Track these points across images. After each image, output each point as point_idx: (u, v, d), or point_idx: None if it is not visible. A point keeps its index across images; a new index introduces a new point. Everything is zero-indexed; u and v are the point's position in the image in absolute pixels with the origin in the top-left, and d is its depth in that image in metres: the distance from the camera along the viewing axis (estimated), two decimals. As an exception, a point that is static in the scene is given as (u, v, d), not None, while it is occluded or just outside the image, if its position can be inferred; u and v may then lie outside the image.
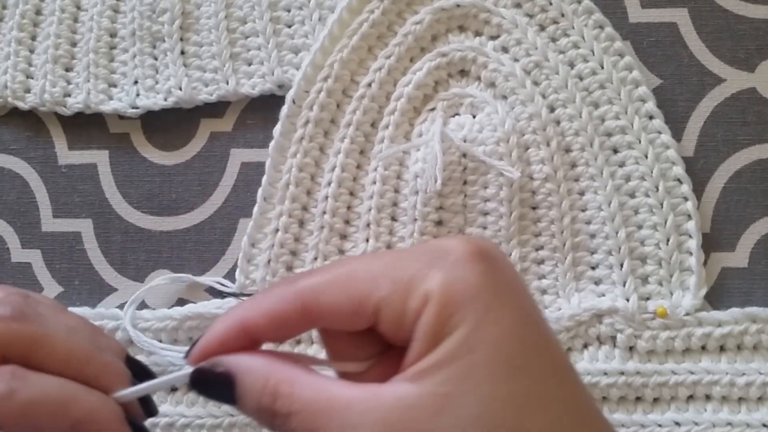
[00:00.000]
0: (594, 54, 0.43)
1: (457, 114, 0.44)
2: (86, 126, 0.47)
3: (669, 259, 0.42)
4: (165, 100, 0.46)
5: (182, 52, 0.47)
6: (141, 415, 0.32)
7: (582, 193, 0.43)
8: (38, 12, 0.48)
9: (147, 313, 0.43)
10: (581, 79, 0.43)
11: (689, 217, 0.42)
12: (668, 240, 0.42)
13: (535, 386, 0.24)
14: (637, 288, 0.42)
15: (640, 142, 0.43)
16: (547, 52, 0.43)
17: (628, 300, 0.42)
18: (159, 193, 0.47)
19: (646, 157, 0.42)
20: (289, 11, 0.46)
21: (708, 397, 0.41)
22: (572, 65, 0.43)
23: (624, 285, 0.42)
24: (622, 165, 0.43)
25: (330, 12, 0.45)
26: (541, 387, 0.24)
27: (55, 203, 0.47)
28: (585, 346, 0.42)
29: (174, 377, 0.29)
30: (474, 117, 0.43)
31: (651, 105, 0.43)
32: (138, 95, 0.46)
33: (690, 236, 0.42)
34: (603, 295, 0.42)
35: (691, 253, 0.42)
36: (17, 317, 0.30)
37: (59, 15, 0.47)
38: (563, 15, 0.44)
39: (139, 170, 0.47)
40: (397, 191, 0.43)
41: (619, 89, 0.43)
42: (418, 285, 0.25)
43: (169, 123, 0.47)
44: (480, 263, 0.25)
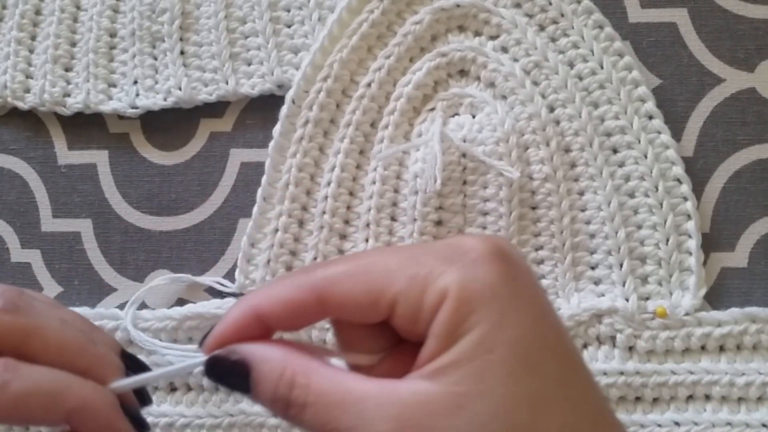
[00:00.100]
0: (593, 54, 0.43)
1: (457, 114, 0.44)
2: (86, 126, 0.47)
3: (668, 259, 0.42)
4: (165, 100, 0.46)
5: (182, 52, 0.47)
6: (136, 404, 0.32)
7: (581, 193, 0.43)
8: (38, 12, 0.48)
9: (147, 313, 0.43)
10: (581, 79, 0.43)
11: (689, 217, 0.42)
12: (668, 240, 0.42)
13: (551, 387, 0.25)
14: (637, 288, 0.42)
15: (640, 142, 0.43)
16: (547, 52, 0.43)
17: (628, 300, 0.42)
18: (159, 193, 0.47)
19: (646, 157, 0.42)
20: (289, 11, 0.46)
21: (707, 397, 0.41)
22: (572, 65, 0.43)
23: (623, 285, 0.42)
24: (622, 165, 0.43)
25: (330, 12, 0.45)
26: (557, 388, 0.25)
27: (55, 203, 0.47)
28: (584, 346, 0.42)
29: (187, 366, 0.29)
30: (473, 117, 0.43)
31: (650, 105, 0.43)
32: (137, 95, 0.46)
33: (689, 236, 0.42)
34: (602, 295, 0.42)
35: (691, 253, 0.42)
36: (10, 309, 0.30)
37: (59, 15, 0.47)
38: (563, 15, 0.44)
39: (139, 170, 0.47)
40: (397, 191, 0.43)
41: (619, 89, 0.43)
42: (435, 281, 0.25)
43: (169, 123, 0.47)
44: (498, 263, 0.25)
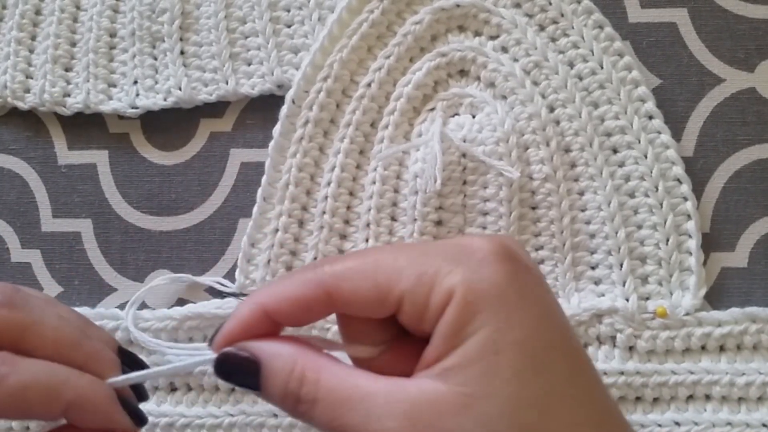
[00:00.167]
0: (593, 54, 0.43)
1: (457, 114, 0.44)
2: (86, 126, 0.47)
3: (669, 259, 0.42)
4: (165, 100, 0.46)
5: (182, 52, 0.47)
6: (133, 398, 0.32)
7: (581, 193, 0.43)
8: (38, 12, 0.48)
9: (147, 313, 0.43)
10: (581, 79, 0.43)
11: (689, 217, 0.42)
12: (668, 240, 0.42)
13: (558, 387, 0.25)
14: (637, 288, 0.42)
15: (640, 142, 0.43)
16: (547, 52, 0.43)
17: (628, 300, 0.42)
18: (159, 193, 0.47)
19: (646, 157, 0.42)
20: (289, 11, 0.46)
21: (708, 397, 0.41)
22: (572, 65, 0.43)
23: (624, 285, 0.42)
24: (622, 165, 0.43)
25: (329, 12, 0.45)
26: (564, 388, 0.25)
27: (55, 203, 0.47)
28: (585, 346, 0.42)
29: (194, 362, 0.29)
30: (473, 117, 0.43)
31: (650, 105, 0.43)
32: (137, 95, 0.46)
33: (690, 236, 0.42)
34: (603, 295, 0.42)
35: (691, 253, 0.42)
36: (6, 304, 0.30)
37: (59, 15, 0.47)
38: (563, 15, 0.44)
39: (139, 170, 0.47)
40: (397, 191, 0.43)
41: (619, 89, 0.43)
42: (442, 281, 0.25)
43: (169, 123, 0.47)
44: (504, 263, 0.25)
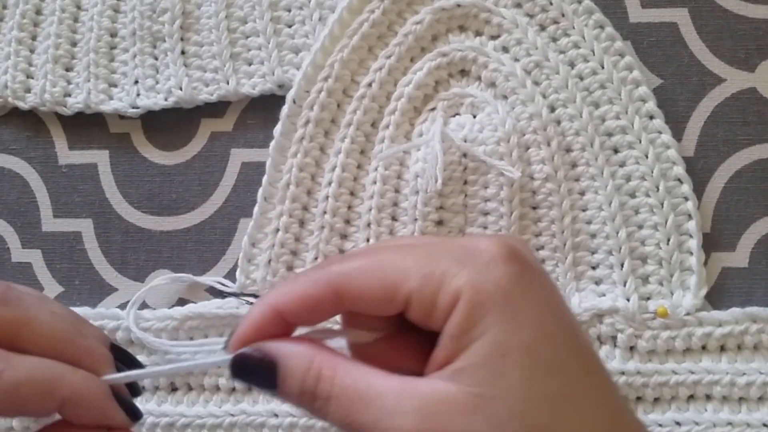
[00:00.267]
0: (594, 54, 0.43)
1: (458, 114, 0.44)
2: (86, 126, 0.47)
3: (669, 259, 0.42)
4: (165, 100, 0.46)
5: (183, 52, 0.47)
6: (127, 394, 0.32)
7: (582, 193, 0.43)
8: (38, 12, 0.48)
9: (147, 313, 0.43)
10: (582, 79, 0.43)
11: (690, 217, 0.42)
12: (669, 240, 0.42)
13: (568, 387, 0.25)
14: (638, 288, 0.42)
15: (641, 142, 0.43)
16: (548, 52, 0.43)
17: (629, 300, 0.42)
18: (159, 193, 0.47)
19: (647, 157, 0.42)
20: (290, 11, 0.46)
21: (708, 397, 0.41)
22: (573, 65, 0.43)
23: (624, 285, 0.42)
24: (623, 165, 0.43)
25: (330, 12, 0.45)
26: (574, 388, 0.25)
27: (56, 203, 0.47)
28: (585, 346, 0.42)
29: (209, 362, 0.29)
30: (474, 117, 0.43)
31: (651, 105, 0.43)
32: (138, 95, 0.46)
33: (690, 236, 0.42)
34: (603, 295, 0.42)
35: (692, 253, 0.42)
36: None
37: (59, 15, 0.47)
38: (564, 15, 0.44)
39: (140, 170, 0.47)
40: (398, 191, 0.43)
41: (620, 89, 0.43)
42: (449, 282, 0.25)
43: (170, 123, 0.47)
44: (511, 265, 0.26)
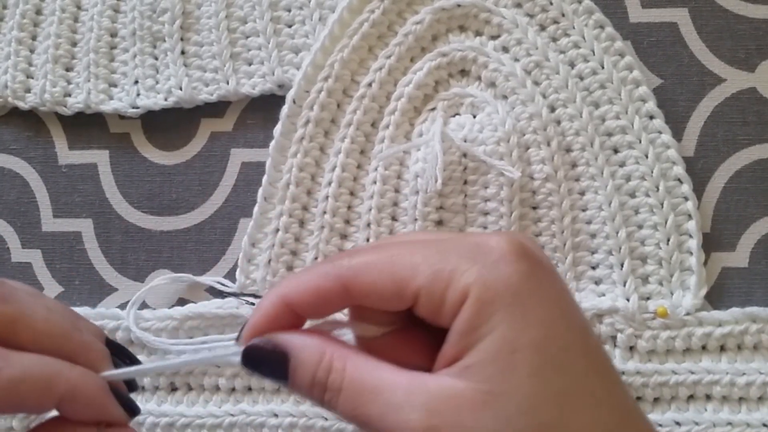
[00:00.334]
0: (594, 54, 0.43)
1: (458, 114, 0.44)
2: (86, 126, 0.47)
3: (669, 259, 0.42)
4: (165, 100, 0.46)
5: (183, 52, 0.47)
6: (125, 389, 0.32)
7: (582, 193, 0.43)
8: (38, 12, 0.48)
9: (147, 313, 0.43)
10: (582, 79, 0.43)
11: (689, 217, 0.42)
12: (668, 240, 0.42)
13: (576, 385, 0.25)
14: (638, 288, 0.42)
15: (641, 142, 0.43)
16: (548, 52, 0.43)
17: (629, 300, 0.42)
18: (159, 193, 0.47)
19: (647, 157, 0.42)
20: (290, 11, 0.46)
21: (708, 397, 0.41)
22: (573, 65, 0.43)
23: (624, 285, 0.42)
24: (623, 165, 0.43)
25: (330, 12, 0.45)
26: (583, 386, 0.25)
27: (56, 203, 0.47)
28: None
29: (220, 355, 0.29)
30: (474, 117, 0.43)
31: (651, 105, 0.43)
32: (138, 95, 0.46)
33: (690, 236, 0.42)
34: (603, 295, 0.42)
35: (692, 253, 0.42)
36: None
37: (59, 15, 0.47)
38: (564, 15, 0.44)
39: (140, 170, 0.47)
40: (398, 191, 0.43)
41: (620, 89, 0.43)
42: (458, 279, 0.25)
43: (170, 123, 0.47)
44: (521, 262, 0.26)
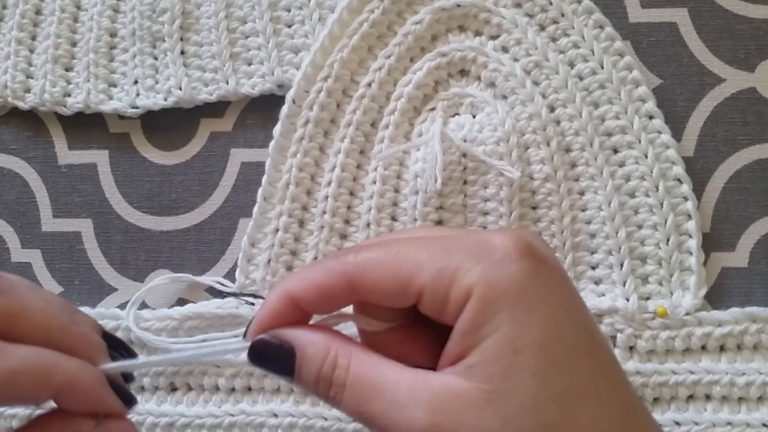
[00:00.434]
0: (594, 54, 0.43)
1: (457, 114, 0.44)
2: (86, 126, 0.47)
3: (669, 259, 0.42)
4: (165, 100, 0.46)
5: (182, 52, 0.47)
6: (121, 380, 0.32)
7: (582, 193, 0.43)
8: (38, 12, 0.48)
9: (147, 313, 0.43)
10: (581, 79, 0.43)
11: (689, 217, 0.42)
12: (668, 240, 0.42)
13: (580, 384, 0.25)
14: (637, 288, 0.42)
15: (640, 142, 0.43)
16: (547, 52, 0.43)
17: (628, 300, 0.42)
18: (159, 193, 0.47)
19: (646, 157, 0.42)
20: (289, 11, 0.46)
21: (708, 397, 0.41)
22: (572, 65, 0.43)
23: (624, 285, 0.42)
24: (622, 165, 0.43)
25: (330, 12, 0.45)
26: (586, 385, 0.25)
27: (55, 203, 0.47)
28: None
29: (227, 350, 0.29)
30: (474, 117, 0.43)
31: (651, 105, 0.43)
32: (138, 95, 0.46)
33: (690, 236, 0.42)
34: (603, 295, 0.42)
35: (691, 253, 0.42)
36: None
37: (59, 15, 0.47)
38: (563, 15, 0.44)
39: (139, 170, 0.47)
40: (397, 191, 0.43)
41: (619, 89, 0.43)
42: (463, 277, 0.25)
43: (169, 123, 0.47)
44: (525, 261, 0.26)
